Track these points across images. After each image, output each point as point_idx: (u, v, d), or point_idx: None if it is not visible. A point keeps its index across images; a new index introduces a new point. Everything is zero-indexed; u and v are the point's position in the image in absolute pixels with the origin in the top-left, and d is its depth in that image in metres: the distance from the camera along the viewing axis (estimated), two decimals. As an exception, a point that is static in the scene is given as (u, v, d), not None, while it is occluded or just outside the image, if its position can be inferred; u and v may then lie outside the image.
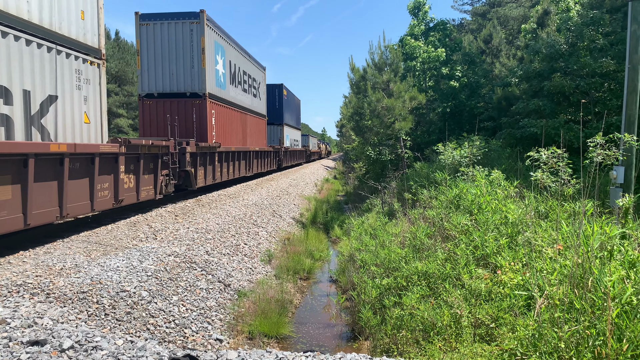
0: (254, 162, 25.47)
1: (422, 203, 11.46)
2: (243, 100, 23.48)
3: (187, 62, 17.54)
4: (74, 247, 8.88)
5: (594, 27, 17.03)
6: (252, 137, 25.47)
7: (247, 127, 24.21)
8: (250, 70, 25.64)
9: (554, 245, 6.32)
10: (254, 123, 26.19)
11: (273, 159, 31.70)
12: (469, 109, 26.20)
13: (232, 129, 21.17)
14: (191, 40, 17.33)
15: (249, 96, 24.93)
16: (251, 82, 25.78)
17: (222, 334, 7.32)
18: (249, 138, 24.71)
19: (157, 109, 17.66)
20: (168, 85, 17.63)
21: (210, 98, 17.93)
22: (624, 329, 4.17)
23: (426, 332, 6.16)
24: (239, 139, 22.51)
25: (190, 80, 17.57)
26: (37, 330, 5.19)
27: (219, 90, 19.25)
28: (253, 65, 26.34)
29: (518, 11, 35.05)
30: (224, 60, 20.07)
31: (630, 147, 9.10)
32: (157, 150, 13.07)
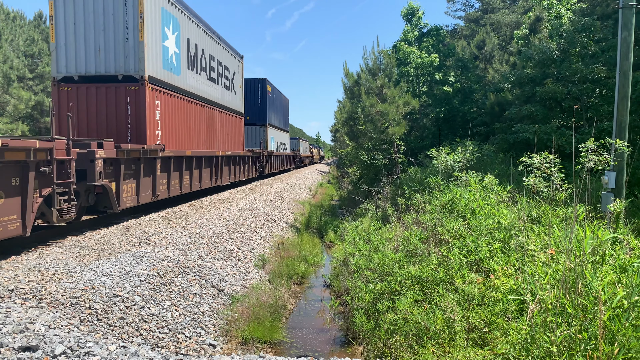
0: (225, 169, 20.75)
1: (415, 208, 11.50)
2: (209, 92, 18.95)
3: (119, 34, 12.99)
4: (66, 252, 8.83)
5: (585, 33, 17.21)
6: (223, 138, 20.98)
7: (215, 127, 19.60)
8: (221, 56, 21.06)
9: (546, 249, 6.36)
10: (226, 122, 21.65)
11: (252, 166, 26.81)
12: (462, 114, 26.35)
13: (191, 128, 16.79)
14: (125, 2, 12.95)
15: (218, 88, 20.39)
16: (222, 70, 21.17)
17: (216, 339, 7.30)
18: (219, 140, 20.16)
19: (79, 98, 13.19)
20: (93, 65, 13.09)
21: (153, 83, 13.60)
22: (615, 333, 4.20)
23: (419, 337, 6.17)
24: (202, 141, 18.01)
25: (123, 59, 13.05)
26: (29, 336, 5.15)
27: (169, 74, 14.86)
28: (225, 50, 21.73)
29: (511, 17, 35.33)
30: (179, 37, 15.72)
31: (621, 153, 9.19)
32: (24, 156, 8.07)
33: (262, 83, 32.06)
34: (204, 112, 18.22)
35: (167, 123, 14.67)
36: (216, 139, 19.83)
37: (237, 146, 23.67)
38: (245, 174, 25.10)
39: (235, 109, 23.64)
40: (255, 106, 31.52)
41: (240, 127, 24.67)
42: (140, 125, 13.18)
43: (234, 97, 23.39)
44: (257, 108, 31.60)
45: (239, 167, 23.43)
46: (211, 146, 19.10)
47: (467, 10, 47.53)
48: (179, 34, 15.82)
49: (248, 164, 25.71)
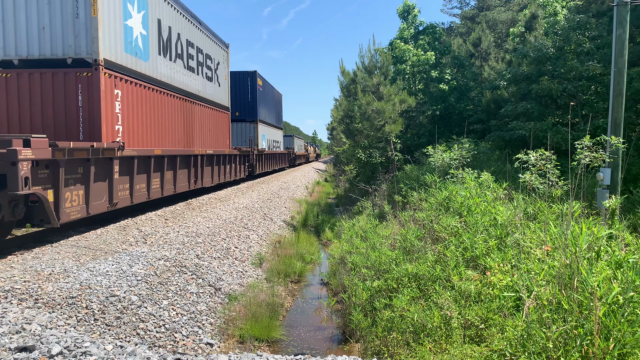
0: (207, 170, 18.39)
1: (412, 205, 11.51)
2: (187, 82, 16.64)
3: (67, 8, 10.75)
4: (62, 252, 8.81)
5: (580, 31, 17.26)
6: (205, 135, 18.60)
7: (194, 122, 17.28)
8: (202, 43, 18.53)
9: (542, 246, 6.38)
10: (209, 117, 19.23)
11: (240, 165, 24.40)
12: (459, 112, 26.40)
13: (164, 123, 14.39)
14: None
15: (198, 78, 17.95)
16: (203, 59, 18.74)
17: (213, 338, 7.30)
18: (199, 137, 17.81)
19: (21, 86, 10.89)
20: (37, 46, 10.85)
21: (112, 69, 11.34)
22: (611, 328, 4.22)
23: (416, 334, 6.18)
24: (178, 138, 15.65)
25: (72, 39, 10.78)
26: (26, 336, 5.14)
27: (134, 60, 12.47)
28: (207, 37, 19.13)
29: (506, 15, 35.40)
30: (146, 17, 13.32)
31: (617, 150, 9.23)
32: None
33: (252, 76, 29.50)
34: (180, 105, 15.84)
35: (131, 117, 12.26)
36: (196, 136, 17.44)
37: (222, 144, 21.11)
38: (232, 174, 22.57)
39: (220, 103, 21.17)
40: (245, 101, 29.28)
41: (225, 123, 22.11)
42: (94, 119, 10.86)
43: (217, 89, 20.81)
44: (246, 103, 29.30)
45: (224, 167, 20.82)
46: (190, 144, 16.80)
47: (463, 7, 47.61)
48: (147, 13, 13.34)
49: (235, 164, 23.15)
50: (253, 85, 29.40)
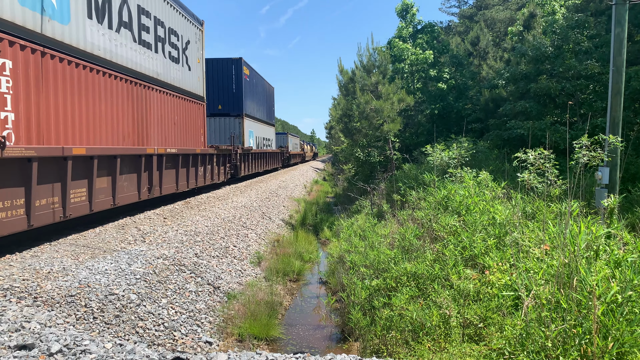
0: (168, 174, 14.67)
1: (410, 204, 11.53)
2: (138, 60, 12.95)
3: None
4: (61, 250, 8.80)
5: (578, 29, 17.29)
6: (168, 130, 14.95)
7: (150, 112, 13.54)
8: (163, 14, 14.99)
9: (540, 245, 6.40)
10: (173, 107, 15.51)
11: (219, 167, 20.59)
12: (457, 111, 26.43)
13: (96, 112, 10.79)
14: None
15: (157, 57, 14.25)
16: (165, 34, 15.10)
17: (212, 337, 7.30)
18: (158, 132, 14.10)
19: None
20: None
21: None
22: (609, 327, 4.24)
23: (415, 333, 6.19)
24: (123, 133, 11.93)
25: None
26: (25, 335, 5.14)
27: (39, 19, 8.97)
28: (170, 6, 15.59)
29: (505, 14, 35.42)
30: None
31: (615, 149, 9.25)
32: None
33: (236, 64, 25.94)
34: (126, 90, 12.13)
35: (36, 101, 8.72)
36: (152, 131, 13.65)
37: (193, 141, 17.37)
38: (207, 177, 18.76)
39: (191, 91, 17.33)
40: (229, 93, 25.92)
41: (198, 115, 18.11)
42: None
43: (187, 74, 16.99)
44: (230, 95, 25.93)
45: (194, 169, 17.12)
46: (142, 140, 13.01)
47: (461, 6, 47.63)
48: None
49: (211, 165, 19.25)
50: (238, 74, 25.97)
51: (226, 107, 25.91)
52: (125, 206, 13.28)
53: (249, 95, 27.70)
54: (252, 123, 28.81)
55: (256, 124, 30.17)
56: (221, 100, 25.80)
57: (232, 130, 25.78)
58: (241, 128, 26.13)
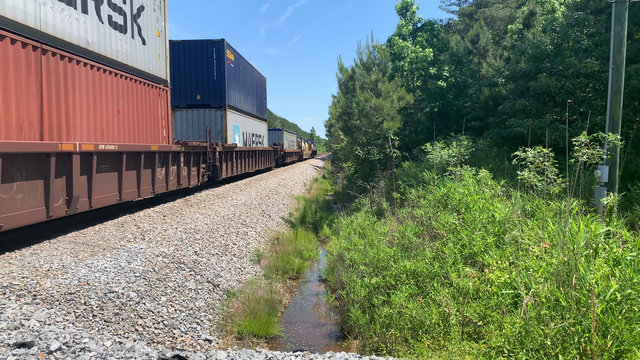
0: (103, 179, 11.06)
1: (410, 202, 11.53)
2: (50, 18, 9.46)
3: None
4: (60, 248, 8.80)
5: (578, 28, 17.27)
6: (107, 120, 11.41)
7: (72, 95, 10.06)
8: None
9: (540, 243, 6.40)
10: (119, 90, 11.95)
11: (190, 168, 16.86)
12: (457, 109, 26.41)
13: None
14: None
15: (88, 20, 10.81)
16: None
17: (211, 335, 7.31)
18: (91, 122, 10.72)
19: None
20: None
21: None
22: (608, 325, 4.24)
23: (415, 331, 6.20)
24: (22, 122, 8.57)
25: None
26: (24, 332, 5.14)
27: None
28: None
29: (504, 12, 35.39)
30: None
31: (615, 147, 9.25)
32: None
33: (217, 47, 22.61)
34: (26, 59, 8.68)
35: None
36: (78, 120, 10.26)
37: (149, 135, 13.67)
38: (172, 181, 15.00)
39: (146, 71, 13.71)
40: (209, 80, 22.73)
41: (158, 103, 14.41)
42: None
43: (139, 49, 13.28)
44: (210, 83, 22.71)
45: (151, 171, 13.41)
46: (57, 132, 9.55)
47: (461, 4, 47.58)
48: None
49: (177, 166, 15.50)
50: (220, 59, 22.72)
51: (206, 97, 22.77)
52: (123, 204, 13.26)
53: (233, 84, 24.42)
54: (238, 116, 25.44)
55: (243, 117, 26.73)
56: (200, 89, 22.73)
57: (210, 124, 22.78)
58: (224, 122, 22.88)
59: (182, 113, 22.79)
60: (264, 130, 33.90)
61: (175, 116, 22.39)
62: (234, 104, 24.60)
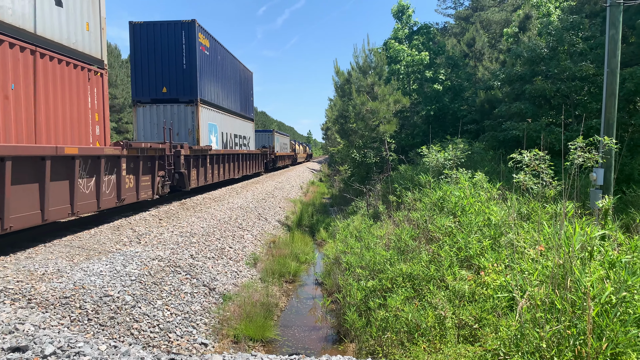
0: None
1: (406, 205, 11.54)
2: None
3: None
4: (56, 252, 8.76)
5: (574, 31, 17.34)
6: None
7: None
8: None
9: (535, 246, 6.41)
10: (8, 66, 8.49)
11: (142, 176, 13.31)
12: (453, 112, 26.46)
13: None
14: None
15: None
16: None
17: (207, 338, 7.28)
18: None
19: None
20: None
21: None
22: (603, 328, 4.25)
23: (411, 334, 6.20)
24: None
25: None
26: (19, 337, 5.11)
27: None
28: None
29: (500, 15, 35.52)
30: None
31: (610, 150, 9.28)
32: None
33: (187, 30, 18.94)
34: None
35: None
36: None
37: (73, 133, 10.52)
38: (108, 196, 11.46)
39: (67, 45, 10.43)
40: (176, 70, 19.15)
41: (87, 90, 11.09)
42: None
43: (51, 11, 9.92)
44: (179, 73, 19.15)
45: (69, 183, 9.96)
46: None
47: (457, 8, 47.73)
48: None
49: (117, 175, 11.85)
50: (191, 44, 18.99)
51: (174, 90, 19.25)
52: (120, 207, 13.21)
53: (208, 75, 20.89)
54: (215, 114, 21.96)
55: (222, 115, 23.21)
56: (167, 81, 19.15)
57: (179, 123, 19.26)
58: (195, 119, 19.29)
59: (145, 109, 19.36)
60: (250, 131, 30.20)
61: (137, 113, 19.34)
62: (210, 99, 21.23)
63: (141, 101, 19.41)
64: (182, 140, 18.97)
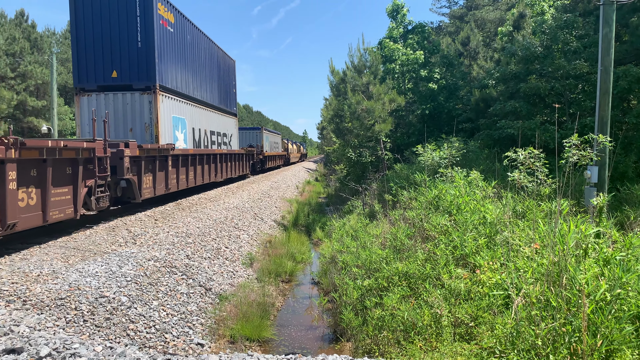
0: None
1: (402, 204, 11.55)
2: None
3: None
4: (51, 253, 8.73)
5: (567, 30, 17.41)
6: None
7: None
8: None
9: (531, 244, 6.44)
10: None
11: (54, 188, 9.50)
12: (448, 111, 26.51)
13: None
14: None
15: None
16: None
17: (204, 339, 7.27)
18: None
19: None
20: None
21: None
22: (598, 325, 4.27)
23: (407, 332, 6.21)
24: None
25: None
26: (14, 338, 5.09)
27: None
28: None
29: (495, 14, 35.59)
30: None
31: (604, 148, 9.32)
32: None
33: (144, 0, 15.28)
34: None
35: None
36: None
37: None
38: None
39: None
40: (129, 49, 15.36)
41: None
42: None
43: None
44: (133, 53, 15.37)
45: None
46: None
47: (451, 7, 47.80)
48: None
49: (2, 189, 8.03)
50: (147, 18, 15.28)
51: (126, 74, 15.45)
52: (115, 208, 13.16)
53: (173, 57, 16.98)
54: (184, 106, 18.12)
55: (193, 108, 19.34)
56: (117, 63, 15.38)
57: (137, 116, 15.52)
58: (153, 111, 15.39)
59: (90, 99, 15.51)
60: (232, 128, 26.27)
61: (80, 104, 15.53)
62: (175, 87, 17.29)
63: (85, 89, 15.56)
64: (137, 138, 15.23)
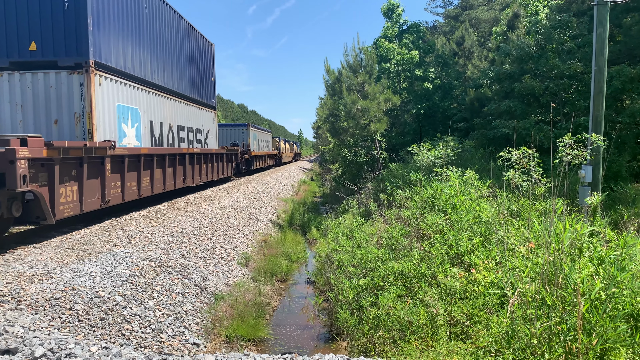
0: None
1: (397, 203, 11.57)
2: None
3: None
4: (45, 253, 8.68)
5: (561, 30, 17.50)
6: None
7: None
8: None
9: (526, 243, 6.46)
10: None
11: None
12: (443, 110, 26.59)
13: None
14: None
15: None
16: None
17: (199, 338, 7.26)
18: None
19: None
20: None
21: None
22: (593, 324, 4.30)
23: (403, 332, 6.22)
24: None
25: None
26: (8, 339, 5.06)
27: None
28: None
29: (489, 14, 35.70)
30: None
31: (598, 147, 9.38)
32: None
33: None
34: None
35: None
36: None
37: None
38: None
39: None
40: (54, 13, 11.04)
41: None
42: None
43: None
44: (58, 18, 11.04)
45: None
46: None
47: (446, 6, 47.89)
48: None
49: None
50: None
51: (49, 47, 11.22)
52: (110, 207, 13.12)
53: (119, 26, 12.73)
54: (137, 93, 13.90)
55: (152, 96, 15.07)
56: (36, 32, 11.19)
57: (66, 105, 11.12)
58: (87, 96, 11.13)
59: (2, 80, 11.11)
60: (209, 123, 22.04)
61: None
62: (123, 67, 13.02)
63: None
64: (64, 133, 11.21)
